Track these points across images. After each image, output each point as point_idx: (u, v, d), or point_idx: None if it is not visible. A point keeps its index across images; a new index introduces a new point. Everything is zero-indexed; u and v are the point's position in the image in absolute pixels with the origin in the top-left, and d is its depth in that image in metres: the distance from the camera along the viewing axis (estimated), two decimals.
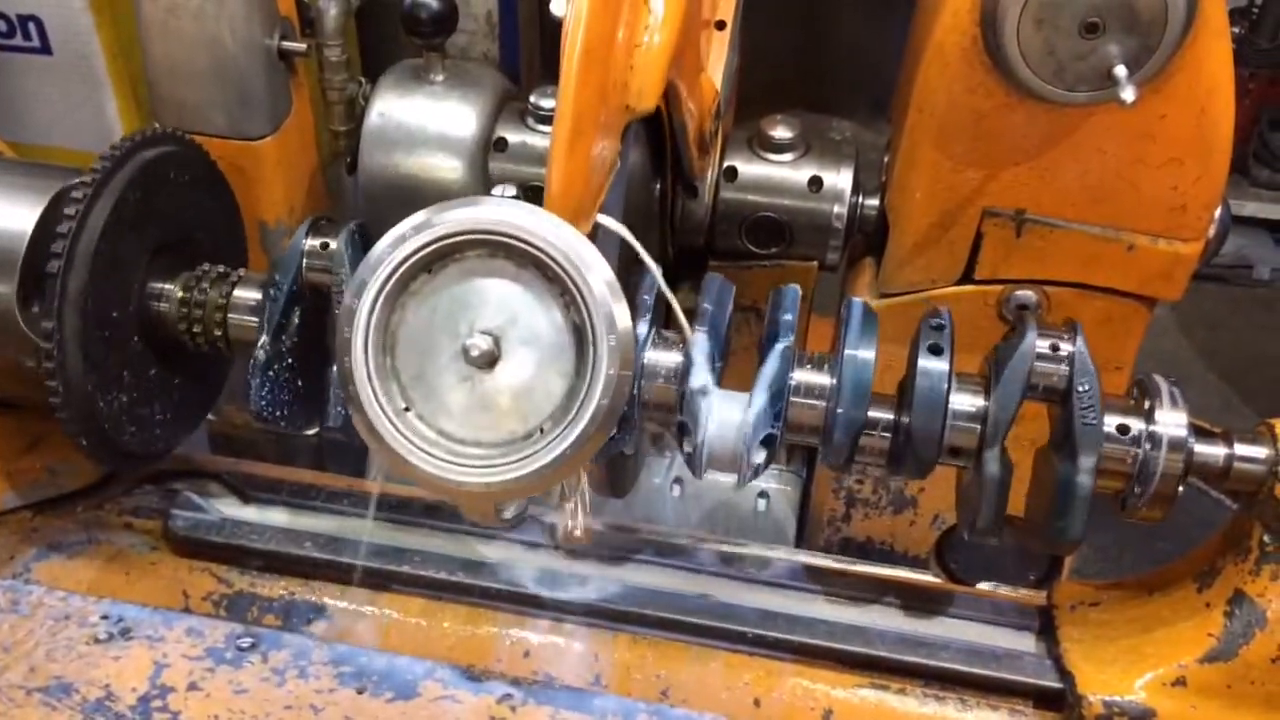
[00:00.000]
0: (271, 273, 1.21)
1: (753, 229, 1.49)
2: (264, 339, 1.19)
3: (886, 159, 1.53)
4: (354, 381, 0.85)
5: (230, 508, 1.38)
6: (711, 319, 1.04)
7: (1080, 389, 1.05)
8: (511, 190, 0.86)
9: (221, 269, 1.27)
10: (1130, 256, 1.31)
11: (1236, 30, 2.94)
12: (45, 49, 2.62)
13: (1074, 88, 1.17)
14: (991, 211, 1.31)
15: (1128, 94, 1.11)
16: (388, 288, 0.83)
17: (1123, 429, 1.07)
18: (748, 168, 1.49)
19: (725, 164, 1.48)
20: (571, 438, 0.83)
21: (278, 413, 1.20)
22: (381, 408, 0.85)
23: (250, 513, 1.38)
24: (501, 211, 0.81)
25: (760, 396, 1.03)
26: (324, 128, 1.76)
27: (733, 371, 1.09)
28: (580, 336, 0.83)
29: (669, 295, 1.01)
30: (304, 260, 1.21)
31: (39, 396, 1.17)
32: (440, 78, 1.48)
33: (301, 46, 1.56)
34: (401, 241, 0.82)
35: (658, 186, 1.43)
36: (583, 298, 0.81)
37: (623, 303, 0.82)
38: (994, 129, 1.25)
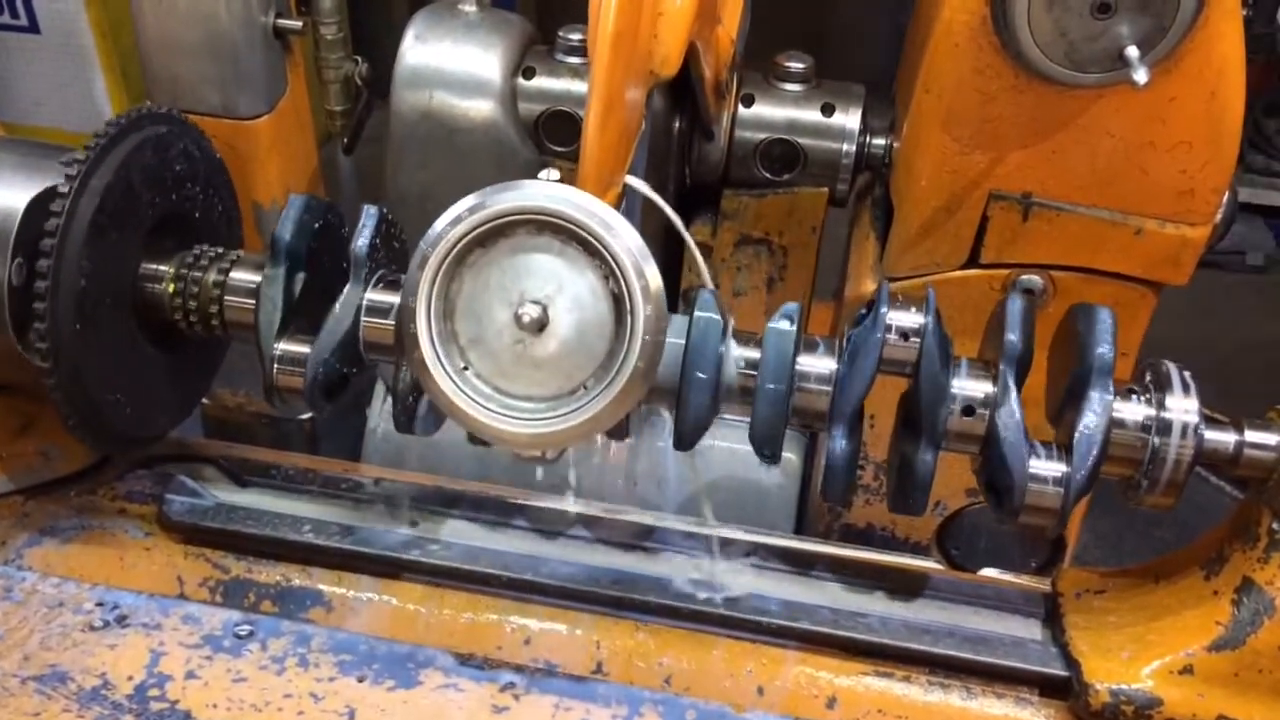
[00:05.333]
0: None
1: (767, 153, 1.54)
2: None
3: (889, 141, 1.52)
4: (419, 345, 0.94)
5: (225, 492, 1.37)
6: None
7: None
8: (555, 174, 0.94)
9: (217, 250, 1.25)
10: (1138, 241, 1.30)
11: None
12: (33, 27, 2.60)
13: (1084, 69, 1.16)
14: (998, 195, 1.30)
15: (1140, 75, 1.10)
16: (446, 262, 0.93)
17: (1132, 417, 1.07)
18: (764, 95, 1.56)
19: (742, 92, 1.55)
20: (611, 396, 0.93)
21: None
22: (444, 368, 0.94)
23: (246, 497, 1.36)
24: (547, 195, 0.91)
25: None
26: (319, 107, 1.74)
27: (741, 311, 1.09)
28: (619, 304, 0.92)
29: (689, 241, 1.11)
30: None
31: (32, 379, 1.15)
32: (472, 9, 1.52)
33: (298, 24, 1.54)
34: (458, 221, 0.92)
35: (676, 125, 1.52)
36: (620, 271, 0.90)
37: (656, 273, 0.91)
38: (1002, 111, 1.24)
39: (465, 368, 0.95)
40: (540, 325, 0.92)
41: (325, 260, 1.19)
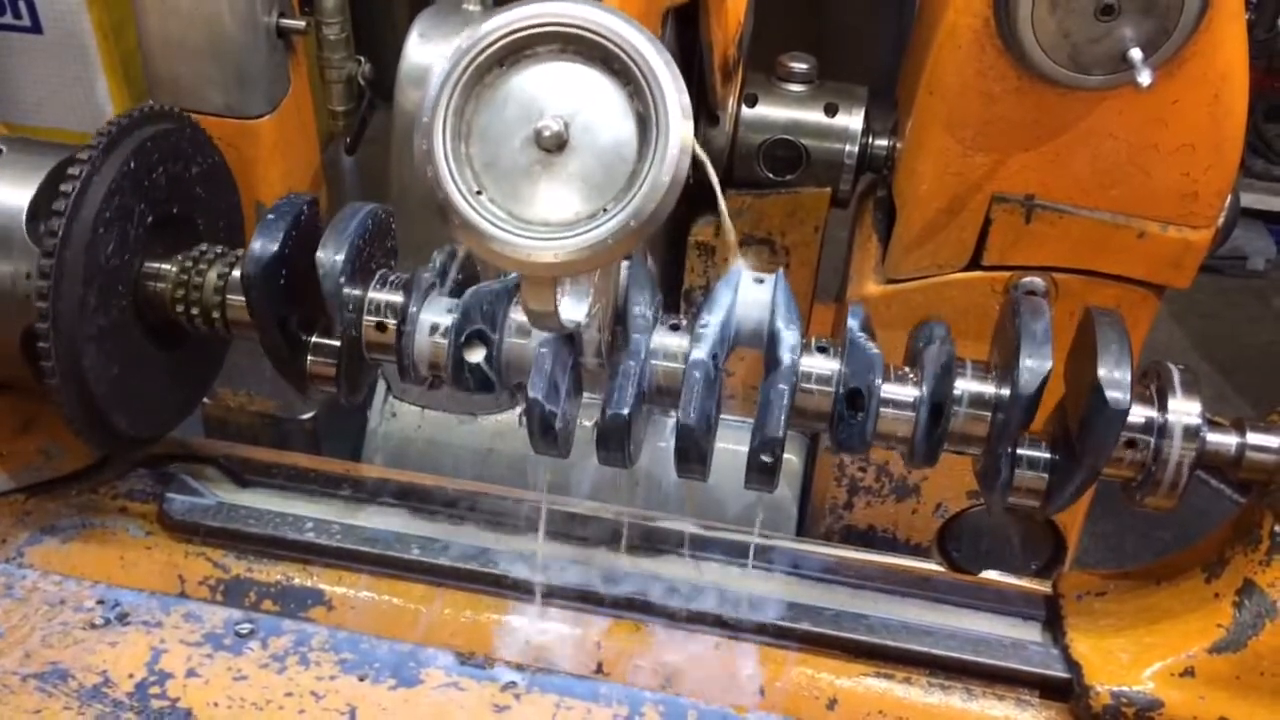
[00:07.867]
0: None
1: (770, 153, 1.55)
2: None
3: (891, 142, 1.52)
4: (433, 163, 0.89)
5: (226, 492, 1.37)
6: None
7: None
8: None
9: (220, 249, 1.25)
10: (1140, 243, 1.30)
11: None
12: (35, 27, 2.60)
13: (1088, 71, 1.16)
14: (1000, 197, 1.30)
15: (1144, 77, 1.10)
16: (465, 78, 0.88)
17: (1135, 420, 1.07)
18: (767, 95, 1.57)
19: (745, 91, 1.56)
20: (634, 209, 0.87)
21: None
22: (459, 188, 0.89)
23: (246, 497, 1.36)
24: (573, 6, 0.87)
25: None
26: (322, 107, 1.74)
27: None
28: (644, 124, 0.88)
29: (711, 174, 1.09)
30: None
31: (34, 377, 1.15)
32: (475, 8, 1.52)
33: (300, 24, 1.54)
34: (479, 36, 0.87)
35: None
36: (649, 83, 0.86)
37: (684, 87, 0.87)
38: (1005, 113, 1.24)
39: (479, 192, 0.90)
40: (560, 142, 0.87)
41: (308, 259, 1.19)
